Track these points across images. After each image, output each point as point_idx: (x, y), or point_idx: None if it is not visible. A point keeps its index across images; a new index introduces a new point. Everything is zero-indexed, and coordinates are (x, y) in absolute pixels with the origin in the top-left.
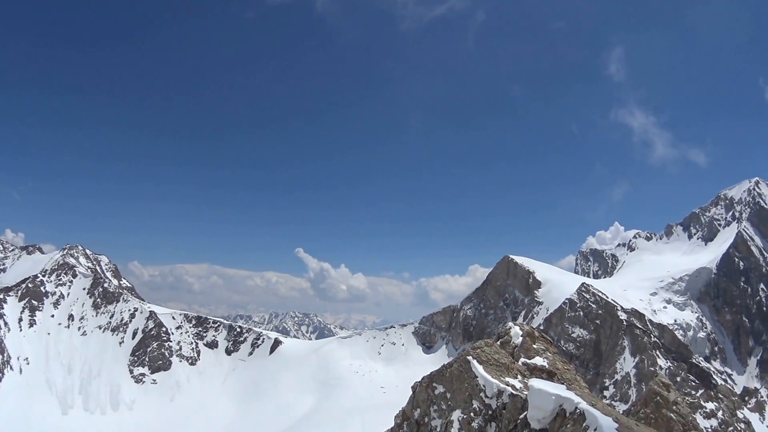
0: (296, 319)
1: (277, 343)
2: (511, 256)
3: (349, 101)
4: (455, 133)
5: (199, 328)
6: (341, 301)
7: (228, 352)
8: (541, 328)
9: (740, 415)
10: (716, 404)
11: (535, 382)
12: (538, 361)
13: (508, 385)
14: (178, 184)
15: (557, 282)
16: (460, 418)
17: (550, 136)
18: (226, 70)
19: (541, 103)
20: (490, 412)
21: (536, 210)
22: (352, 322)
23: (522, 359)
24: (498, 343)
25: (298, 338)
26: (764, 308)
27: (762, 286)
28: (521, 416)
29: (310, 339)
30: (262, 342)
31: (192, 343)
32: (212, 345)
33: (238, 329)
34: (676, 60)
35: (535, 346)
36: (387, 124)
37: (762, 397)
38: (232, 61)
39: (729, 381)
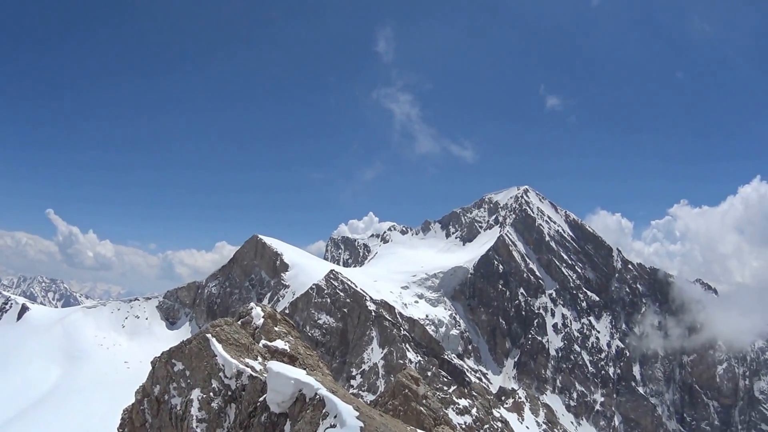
0: (44, 284)
1: (24, 309)
2: (260, 236)
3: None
4: (205, 105)
5: None
6: (88, 268)
7: None
8: (287, 312)
9: (497, 414)
10: (470, 401)
11: (274, 365)
12: (280, 344)
13: (247, 367)
14: None
15: (305, 266)
16: (199, 398)
17: (304, 109)
18: None
19: (297, 72)
20: (229, 393)
21: (288, 189)
22: (98, 292)
23: (263, 341)
24: (239, 322)
25: (45, 305)
26: (523, 312)
27: (522, 290)
28: (261, 399)
29: (57, 307)
30: (10, 307)
31: None
32: None
33: None
34: (451, 55)
35: (276, 328)
36: (140, 90)
37: (520, 398)
38: None
39: (484, 380)
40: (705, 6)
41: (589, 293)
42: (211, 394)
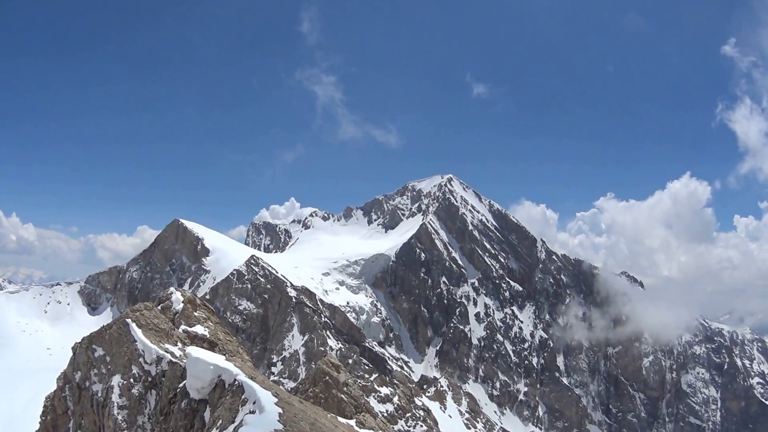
0: None
1: None
2: (181, 220)
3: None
4: (131, 81)
5: None
6: (10, 252)
7: None
8: (207, 297)
9: (419, 403)
10: (392, 389)
11: (193, 351)
12: (199, 329)
13: (167, 352)
14: None
15: (226, 252)
16: (120, 384)
17: (227, 86)
18: None
19: (217, 49)
20: (149, 379)
21: (207, 169)
22: (20, 276)
23: (183, 326)
24: (159, 307)
25: None
26: (445, 300)
27: (444, 279)
28: (181, 385)
29: None
30: None
31: None
32: None
33: None
34: (376, 38)
35: (196, 314)
36: (59, 63)
37: (442, 386)
38: None
39: (406, 368)
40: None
41: (512, 283)
42: (132, 380)
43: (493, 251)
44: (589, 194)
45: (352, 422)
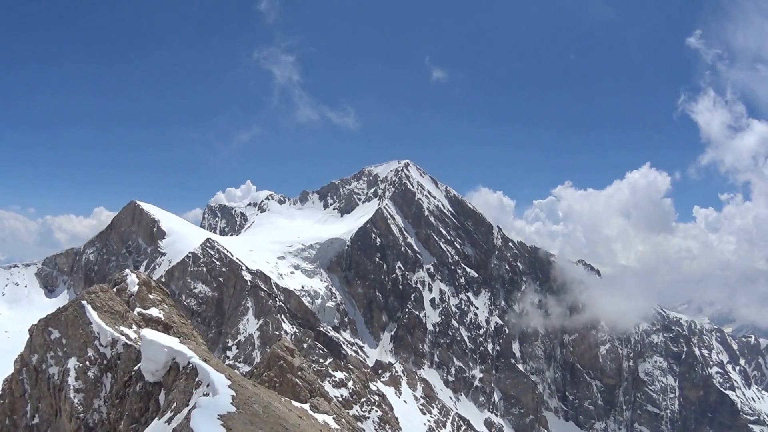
0: None
1: None
2: (138, 202)
3: None
4: (88, 62)
5: None
6: None
7: None
8: (163, 280)
9: (374, 388)
10: (346, 374)
11: (148, 333)
12: (154, 312)
13: (122, 335)
14: None
15: (182, 234)
16: (76, 367)
17: (184, 65)
18: None
19: (178, 26)
20: (105, 362)
21: (163, 149)
22: None
23: (138, 309)
24: (114, 289)
25: None
26: (400, 286)
27: (399, 264)
28: (136, 368)
29: None
30: None
31: None
32: None
33: None
34: (335, 20)
35: (151, 296)
36: (26, 48)
37: (397, 372)
38: None
39: (360, 353)
40: None
41: (467, 269)
42: (87, 362)
43: (448, 237)
44: (546, 182)
45: (307, 406)
